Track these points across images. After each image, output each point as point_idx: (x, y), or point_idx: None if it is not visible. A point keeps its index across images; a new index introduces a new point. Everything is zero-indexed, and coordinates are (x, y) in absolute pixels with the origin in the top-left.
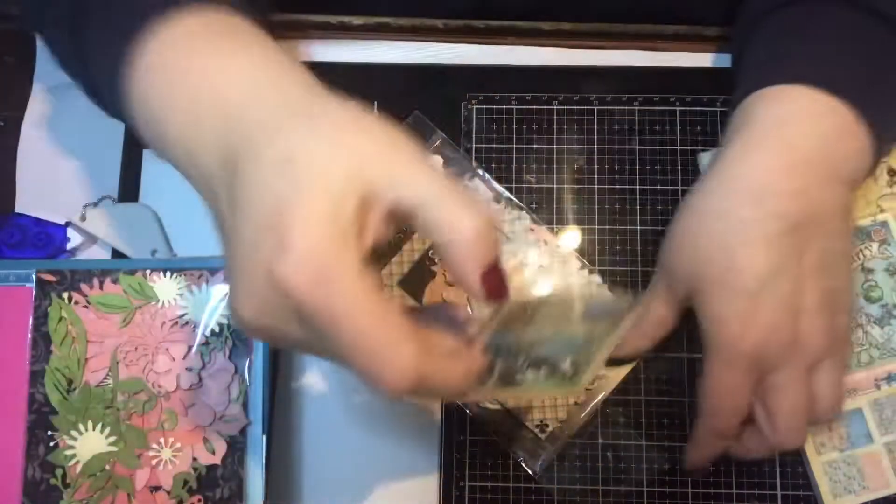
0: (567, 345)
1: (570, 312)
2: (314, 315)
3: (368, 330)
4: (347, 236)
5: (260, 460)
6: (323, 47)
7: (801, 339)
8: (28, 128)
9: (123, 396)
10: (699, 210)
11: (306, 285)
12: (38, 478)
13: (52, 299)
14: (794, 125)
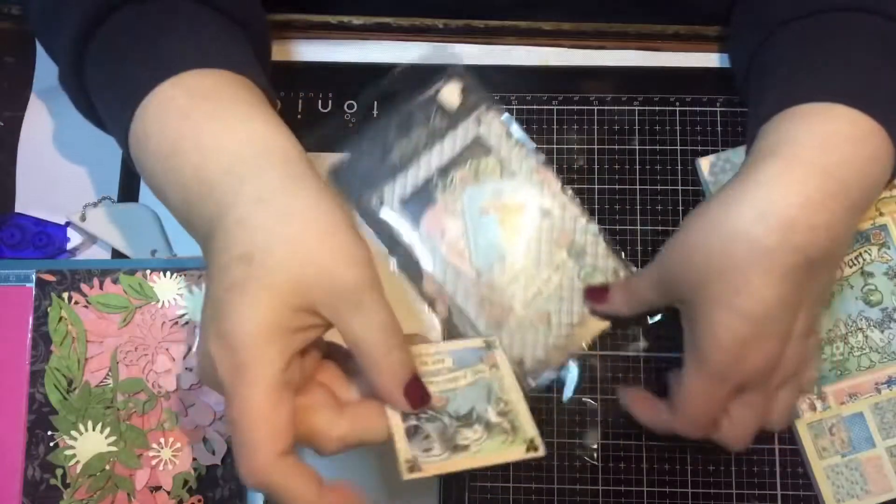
0: (474, 394)
1: (443, 366)
2: (225, 394)
3: (246, 422)
4: (277, 334)
5: None
6: (323, 47)
7: (783, 363)
8: (28, 128)
9: (123, 396)
10: (720, 224)
11: (224, 367)
12: (38, 478)
13: (52, 299)
14: (834, 151)
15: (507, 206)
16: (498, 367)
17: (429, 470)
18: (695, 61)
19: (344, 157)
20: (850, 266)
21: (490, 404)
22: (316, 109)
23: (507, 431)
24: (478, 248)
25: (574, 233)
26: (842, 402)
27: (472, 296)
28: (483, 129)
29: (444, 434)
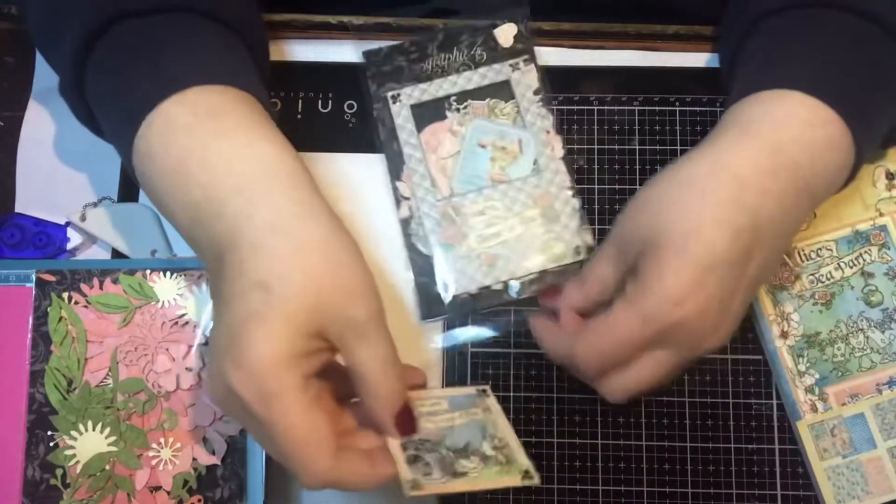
0: (469, 432)
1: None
2: (253, 421)
3: (295, 443)
4: (295, 360)
5: (260, 460)
6: (323, 47)
7: (711, 335)
8: (28, 128)
9: (123, 396)
10: (678, 180)
11: (250, 397)
12: (38, 478)
13: (52, 299)
14: (787, 130)
15: (505, 150)
16: (490, 411)
17: (430, 489)
18: (695, 61)
19: (384, 46)
20: (850, 267)
21: (485, 440)
22: (316, 109)
23: (502, 463)
24: (462, 171)
25: (555, 199)
26: (843, 402)
27: (435, 209)
28: (515, 76)
29: (442, 462)
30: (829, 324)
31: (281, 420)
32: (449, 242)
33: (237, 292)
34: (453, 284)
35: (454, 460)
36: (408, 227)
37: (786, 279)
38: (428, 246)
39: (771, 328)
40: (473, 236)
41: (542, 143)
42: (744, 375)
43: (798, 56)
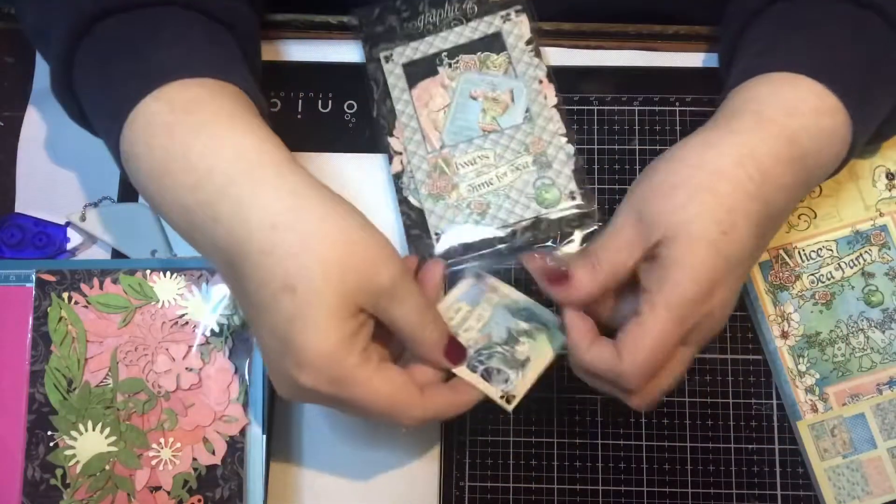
0: (501, 319)
1: (463, 313)
2: (340, 403)
3: (385, 406)
4: (347, 344)
5: (260, 460)
6: (323, 47)
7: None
8: (28, 128)
9: (123, 396)
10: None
11: (326, 387)
12: (38, 478)
13: (51, 299)
14: (799, 117)
15: (496, 99)
16: (497, 288)
17: (519, 391)
18: (695, 61)
19: (376, 7)
20: (850, 267)
21: (516, 318)
22: (316, 109)
23: (542, 329)
24: (453, 123)
25: (548, 145)
26: (843, 403)
27: (425, 161)
28: (506, 27)
29: (506, 360)
30: (829, 324)
31: (361, 396)
32: (439, 193)
33: (267, 300)
34: (444, 234)
35: (512, 351)
36: (399, 181)
37: (786, 279)
38: (419, 198)
39: (771, 328)
40: (464, 186)
41: (534, 92)
42: (744, 375)
43: (805, 42)
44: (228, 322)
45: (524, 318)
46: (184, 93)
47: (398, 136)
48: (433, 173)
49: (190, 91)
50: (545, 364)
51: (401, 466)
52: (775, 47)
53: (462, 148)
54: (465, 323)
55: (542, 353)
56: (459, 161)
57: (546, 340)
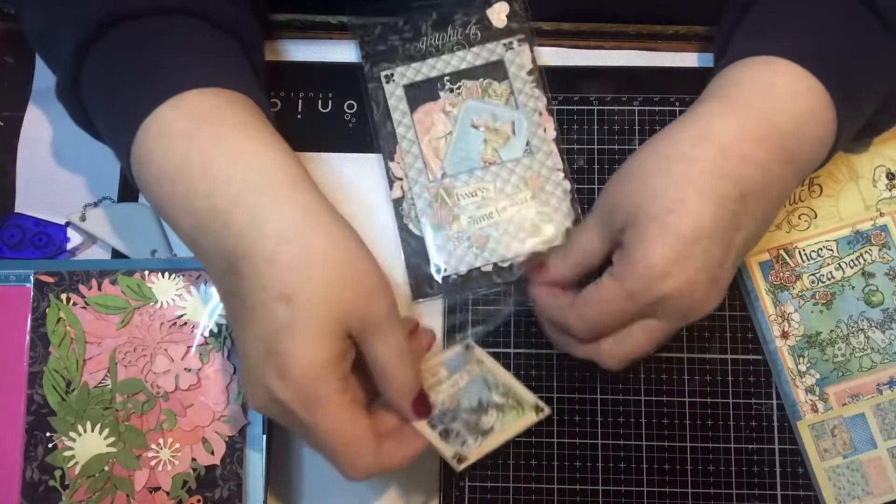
0: (475, 388)
1: (441, 376)
2: (301, 426)
3: (341, 444)
4: (331, 364)
5: (260, 460)
6: (323, 47)
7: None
8: (28, 128)
9: (122, 397)
10: (662, 152)
11: (297, 404)
12: (37, 479)
13: (50, 300)
14: (774, 98)
15: (497, 131)
16: (483, 362)
17: (472, 456)
18: (695, 61)
19: (378, 21)
20: (851, 267)
21: (492, 391)
22: (316, 109)
23: (515, 407)
24: (454, 153)
25: (546, 181)
26: (843, 403)
27: (427, 190)
28: (509, 56)
29: (468, 426)
30: (829, 324)
31: (326, 424)
32: (440, 223)
33: (260, 304)
34: (444, 265)
35: (477, 419)
36: (399, 208)
37: (786, 279)
38: (419, 227)
39: (771, 328)
40: (465, 217)
41: (534, 125)
42: (744, 375)
43: (784, 26)
44: (227, 323)
45: (500, 394)
46: (201, 102)
47: (398, 161)
48: (434, 203)
49: (207, 101)
50: (507, 438)
51: None
52: (755, 34)
53: (463, 179)
54: (439, 386)
55: (507, 428)
56: (461, 192)
57: (515, 417)
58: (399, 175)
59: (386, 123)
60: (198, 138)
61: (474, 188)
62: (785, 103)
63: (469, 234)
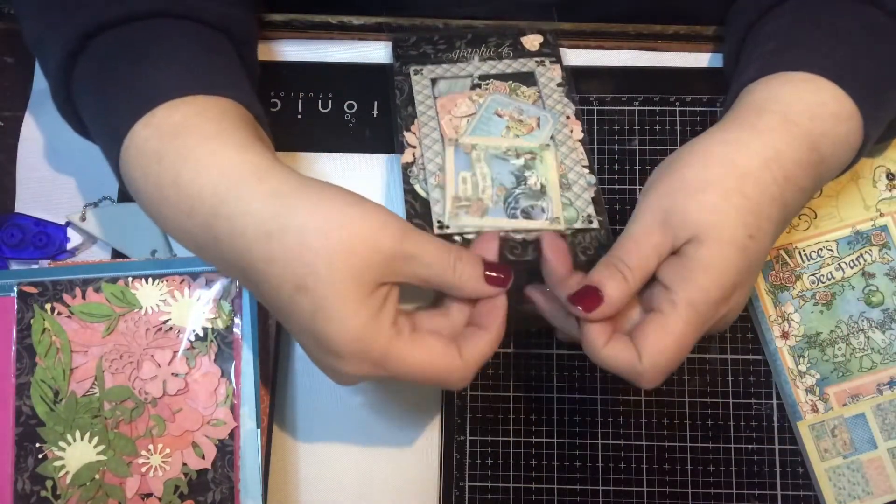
0: (500, 164)
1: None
2: (387, 378)
3: (427, 375)
4: (375, 322)
5: (256, 461)
6: (323, 47)
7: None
8: (28, 128)
9: (110, 405)
10: (733, 168)
11: (369, 369)
12: (29, 490)
13: (34, 311)
14: (820, 123)
15: (522, 122)
16: (475, 144)
17: (557, 211)
18: (695, 61)
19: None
20: (851, 267)
21: (507, 158)
22: (316, 109)
23: (533, 152)
24: (474, 132)
25: (570, 171)
26: (843, 403)
27: (439, 156)
28: (540, 70)
29: (528, 195)
30: (829, 324)
31: (404, 370)
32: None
33: (285, 302)
34: (447, 221)
35: (526, 187)
36: (409, 170)
37: (787, 279)
38: (426, 188)
39: (772, 328)
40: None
41: (560, 124)
42: (744, 375)
43: (824, 42)
44: (213, 326)
45: (514, 155)
46: (171, 117)
47: (415, 132)
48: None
49: (177, 113)
50: (556, 175)
51: (401, 466)
52: (795, 45)
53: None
54: (480, 186)
55: (548, 170)
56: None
57: (541, 161)
58: (413, 143)
59: (407, 107)
60: (167, 158)
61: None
62: (829, 129)
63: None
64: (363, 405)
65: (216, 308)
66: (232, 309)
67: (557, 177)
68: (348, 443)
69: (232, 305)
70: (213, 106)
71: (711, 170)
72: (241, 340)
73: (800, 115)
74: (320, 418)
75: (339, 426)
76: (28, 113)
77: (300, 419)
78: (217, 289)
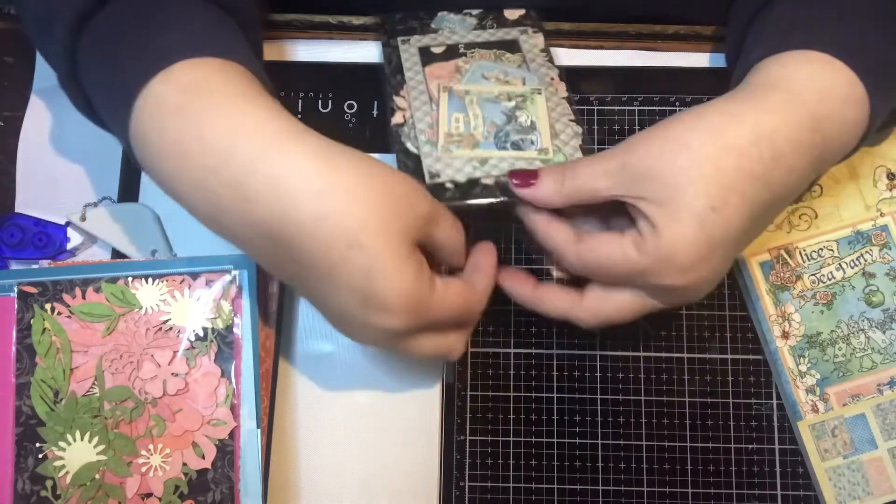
0: (491, 106)
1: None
2: (431, 328)
3: (458, 314)
4: (419, 275)
5: (256, 461)
6: (323, 47)
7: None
8: (28, 128)
9: (110, 405)
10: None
11: (417, 322)
12: (29, 490)
13: (34, 311)
14: (828, 105)
15: (508, 83)
16: (468, 90)
17: (546, 142)
18: (695, 61)
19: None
20: (851, 267)
21: (499, 101)
22: (316, 109)
23: (523, 94)
24: (462, 78)
25: (556, 122)
26: (844, 403)
27: (428, 115)
28: (523, 38)
29: (519, 130)
30: (830, 324)
31: (444, 313)
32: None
33: (336, 261)
34: (439, 173)
35: (516, 123)
36: (399, 130)
37: (787, 279)
38: (417, 144)
39: (772, 328)
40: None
41: (545, 84)
42: (744, 375)
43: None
44: (213, 326)
45: (505, 98)
46: (191, 73)
47: (404, 95)
48: (434, 125)
49: (197, 70)
50: (546, 114)
51: (401, 466)
52: (807, 23)
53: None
54: (472, 124)
55: (538, 110)
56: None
57: (532, 102)
58: (402, 106)
59: (396, 75)
60: (191, 111)
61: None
62: (836, 112)
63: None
64: (363, 405)
65: (216, 308)
66: (232, 309)
67: (548, 117)
68: (348, 443)
69: (232, 305)
70: (231, 69)
71: (695, 134)
72: (241, 340)
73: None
74: (320, 418)
75: (340, 426)
76: (28, 113)
77: (300, 419)
78: (217, 289)
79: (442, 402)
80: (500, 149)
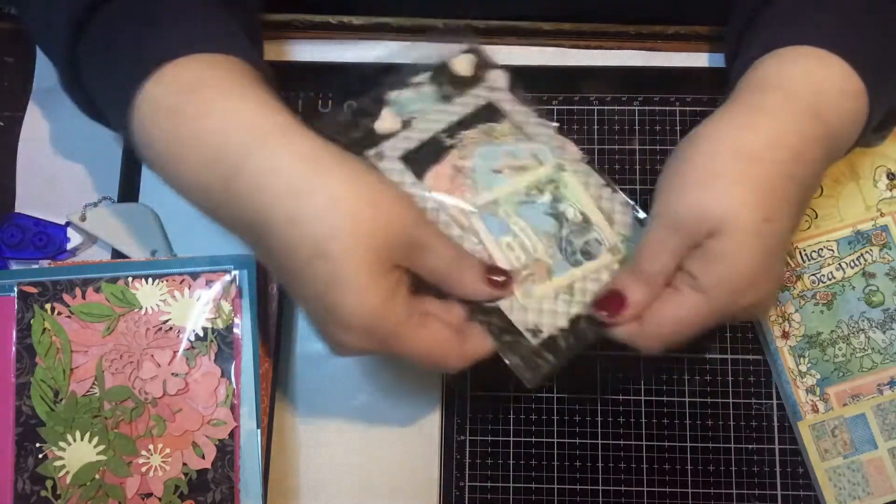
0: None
1: None
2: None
3: (427, 358)
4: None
5: (257, 460)
6: (323, 47)
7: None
8: (28, 128)
9: (110, 405)
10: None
11: (374, 345)
12: (29, 490)
13: (34, 311)
14: (826, 97)
15: (524, 168)
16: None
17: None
18: (695, 61)
19: (339, 112)
20: (851, 267)
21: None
22: (316, 109)
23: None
24: (476, 183)
25: (600, 199)
26: (844, 403)
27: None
28: (495, 96)
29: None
30: (830, 324)
31: (408, 351)
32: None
33: (301, 267)
34: (540, 327)
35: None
36: None
37: (787, 279)
38: None
39: (772, 329)
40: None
41: (555, 149)
42: (744, 375)
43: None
44: (213, 326)
45: (535, 191)
46: (184, 72)
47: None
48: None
49: (189, 69)
50: (587, 195)
51: (401, 466)
52: (803, 19)
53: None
54: (529, 245)
55: (577, 193)
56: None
57: (565, 186)
58: None
59: None
60: (186, 112)
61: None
62: (834, 103)
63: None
64: (363, 405)
65: (216, 308)
66: (232, 309)
67: (590, 197)
68: (348, 442)
69: (232, 305)
70: (223, 63)
71: (718, 159)
72: (241, 340)
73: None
74: (320, 419)
75: (340, 426)
76: (28, 113)
77: (300, 419)
78: (217, 289)
79: (442, 402)
80: (573, 265)
